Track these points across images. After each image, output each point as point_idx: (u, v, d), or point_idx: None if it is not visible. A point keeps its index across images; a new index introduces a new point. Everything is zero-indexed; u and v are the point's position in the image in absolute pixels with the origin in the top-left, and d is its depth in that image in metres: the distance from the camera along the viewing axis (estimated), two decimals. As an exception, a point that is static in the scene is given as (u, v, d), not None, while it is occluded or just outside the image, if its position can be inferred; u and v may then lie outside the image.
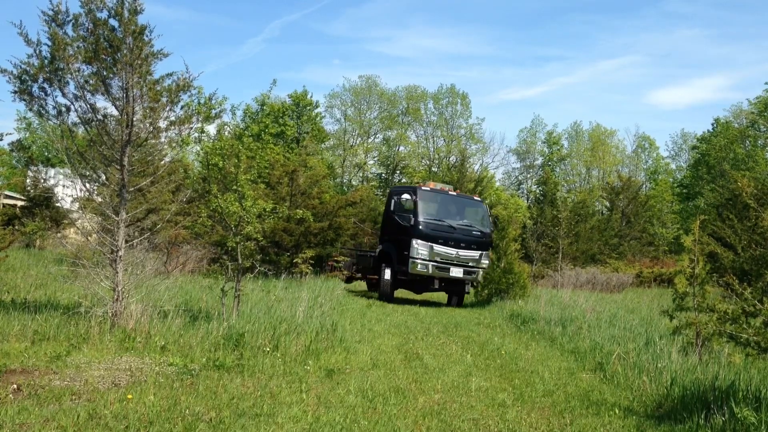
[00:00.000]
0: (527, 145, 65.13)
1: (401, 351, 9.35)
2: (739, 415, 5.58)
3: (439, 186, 18.76)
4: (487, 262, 17.99)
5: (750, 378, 6.77)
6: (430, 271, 17.28)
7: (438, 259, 17.31)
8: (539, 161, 64.95)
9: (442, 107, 61.55)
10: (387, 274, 18.04)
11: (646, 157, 64.97)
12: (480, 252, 17.98)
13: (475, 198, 19.85)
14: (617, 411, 6.51)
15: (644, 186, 58.48)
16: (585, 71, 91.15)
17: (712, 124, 53.80)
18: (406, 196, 17.98)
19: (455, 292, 18.62)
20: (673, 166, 63.66)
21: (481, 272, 17.92)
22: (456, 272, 17.55)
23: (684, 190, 54.79)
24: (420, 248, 17.22)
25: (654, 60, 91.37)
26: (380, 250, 18.97)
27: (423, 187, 18.01)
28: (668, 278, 25.36)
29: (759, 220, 8.87)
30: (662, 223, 50.74)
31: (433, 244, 17.29)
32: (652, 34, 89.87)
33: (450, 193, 18.79)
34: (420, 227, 17.37)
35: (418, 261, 17.18)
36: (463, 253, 17.67)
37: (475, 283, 18.26)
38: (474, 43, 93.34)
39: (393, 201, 18.24)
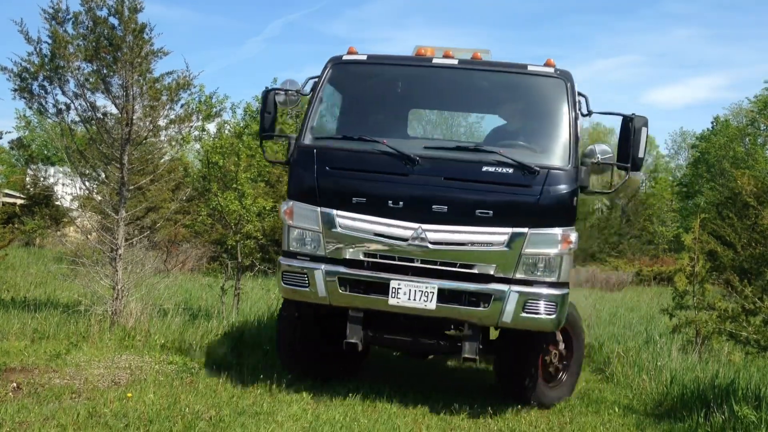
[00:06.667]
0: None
1: (401, 349, 9.35)
2: (739, 414, 5.58)
3: (441, 52, 6.71)
4: (562, 260, 5.91)
5: (750, 376, 6.78)
6: (323, 292, 6.00)
7: (353, 253, 6.01)
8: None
9: (442, 105, 61.51)
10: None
11: (646, 156, 64.94)
12: (513, 230, 5.82)
13: (534, 68, 6.45)
14: (617, 409, 6.51)
15: (644, 184, 58.47)
16: (583, 71, 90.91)
17: (712, 123, 53.81)
18: (288, 84, 6.60)
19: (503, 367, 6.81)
20: (672, 164, 63.69)
21: (527, 301, 5.80)
22: (408, 296, 5.86)
23: (684, 189, 54.79)
24: (297, 223, 6.17)
25: (651, 60, 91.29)
26: None
27: (347, 57, 6.70)
28: (668, 276, 25.34)
29: (759, 219, 8.87)
30: (662, 222, 50.72)
31: (336, 211, 6.02)
32: (650, 34, 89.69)
33: (447, 61, 6.51)
34: (299, 164, 6.33)
35: (289, 264, 6.18)
36: (439, 233, 5.87)
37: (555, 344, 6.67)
38: (473, 43, 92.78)
39: (265, 104, 6.61)
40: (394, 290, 5.86)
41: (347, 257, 6.00)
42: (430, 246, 5.82)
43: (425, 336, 6.22)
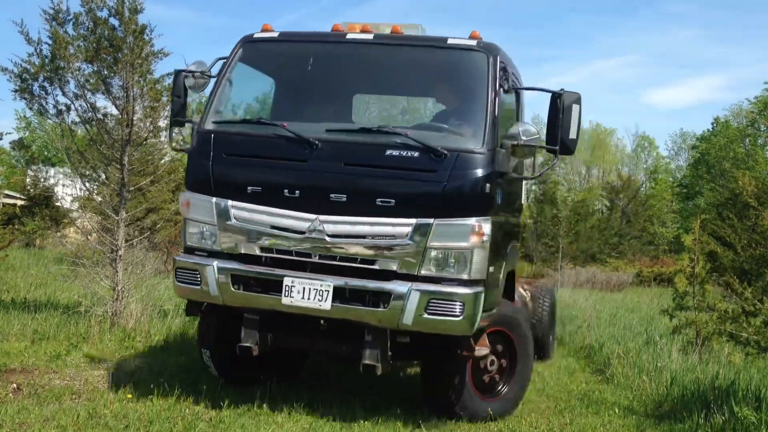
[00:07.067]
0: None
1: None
2: (739, 415, 5.58)
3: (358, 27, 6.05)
4: (473, 255, 5.19)
5: (750, 377, 6.77)
6: (215, 291, 5.42)
7: (249, 248, 5.44)
8: (539, 160, 64.78)
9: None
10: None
11: (646, 156, 64.98)
12: (417, 221, 5.16)
13: (454, 41, 5.66)
14: (617, 410, 6.51)
15: (644, 185, 58.52)
16: (583, 71, 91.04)
17: (712, 124, 53.85)
18: (196, 66, 5.90)
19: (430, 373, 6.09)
20: (672, 165, 63.71)
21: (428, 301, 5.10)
22: (301, 295, 5.25)
23: (684, 190, 54.82)
24: (193, 216, 5.63)
25: (651, 60, 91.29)
26: None
27: (258, 35, 6.00)
28: (668, 277, 25.33)
29: (759, 220, 8.87)
30: (662, 223, 50.75)
31: (231, 201, 5.45)
32: (650, 34, 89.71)
33: (361, 36, 5.89)
34: (197, 151, 5.73)
35: (183, 260, 5.66)
36: (338, 225, 5.27)
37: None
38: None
39: (175, 87, 6.00)
40: (287, 288, 5.25)
41: (243, 252, 5.43)
42: (327, 239, 5.24)
43: (326, 340, 5.66)
